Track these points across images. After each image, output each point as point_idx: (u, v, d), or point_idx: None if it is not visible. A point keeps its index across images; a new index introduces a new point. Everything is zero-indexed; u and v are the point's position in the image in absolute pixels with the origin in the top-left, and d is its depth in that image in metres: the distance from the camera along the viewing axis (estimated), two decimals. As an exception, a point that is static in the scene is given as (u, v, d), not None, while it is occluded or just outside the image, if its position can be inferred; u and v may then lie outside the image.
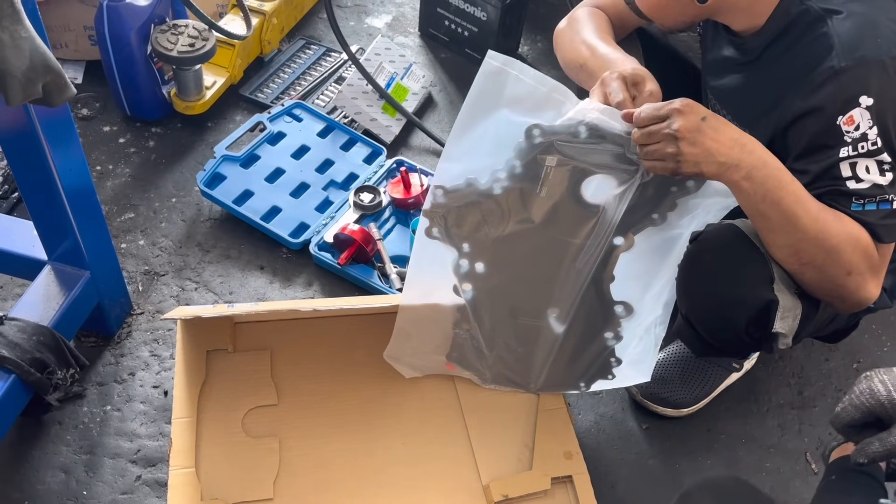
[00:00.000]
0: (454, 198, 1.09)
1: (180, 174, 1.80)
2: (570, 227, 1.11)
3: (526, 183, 1.07)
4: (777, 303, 1.14)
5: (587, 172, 1.07)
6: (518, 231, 1.12)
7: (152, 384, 1.45)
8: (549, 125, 1.04)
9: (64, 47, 1.93)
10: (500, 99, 1.03)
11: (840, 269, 1.07)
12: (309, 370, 1.35)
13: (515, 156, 1.05)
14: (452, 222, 1.11)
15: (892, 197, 1.06)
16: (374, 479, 1.26)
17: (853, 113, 1.04)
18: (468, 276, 1.17)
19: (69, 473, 1.33)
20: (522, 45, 2.23)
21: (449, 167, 1.08)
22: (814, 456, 1.49)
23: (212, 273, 1.63)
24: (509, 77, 1.03)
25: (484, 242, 1.14)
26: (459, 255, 1.15)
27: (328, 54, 2.12)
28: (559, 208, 1.10)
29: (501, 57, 1.04)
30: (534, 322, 1.22)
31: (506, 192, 1.08)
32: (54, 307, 1.32)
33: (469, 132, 1.06)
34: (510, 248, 1.15)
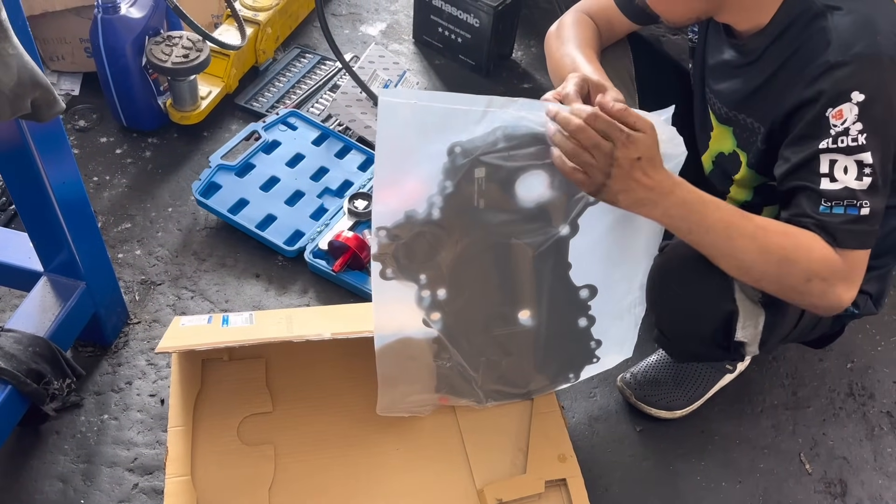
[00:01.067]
0: (398, 235, 1.07)
1: (176, 184, 1.82)
2: (516, 229, 1.11)
3: (462, 200, 1.05)
4: (737, 313, 1.17)
5: (517, 173, 1.06)
6: (468, 247, 1.12)
7: (149, 393, 1.46)
8: (468, 140, 1.01)
9: (60, 59, 1.95)
10: (410, 133, 0.99)
11: (797, 278, 1.06)
12: (304, 378, 1.36)
13: (445, 177, 1.02)
14: (403, 258, 1.09)
15: (863, 204, 1.04)
16: (369, 485, 1.27)
17: (843, 107, 1.04)
18: (433, 306, 1.16)
19: (67, 482, 1.34)
20: (516, 51, 2.25)
21: (383, 208, 1.05)
22: (808, 456, 1.49)
23: (208, 282, 1.65)
24: (410, 109, 0.98)
25: (439, 268, 1.13)
26: (419, 287, 1.14)
27: (323, 62, 2.14)
28: (501, 214, 1.09)
29: (393, 92, 1.01)
30: (509, 329, 1.22)
31: (445, 213, 1.06)
32: (50, 318, 1.33)
33: (391, 172, 1.02)
34: (466, 266, 1.14)
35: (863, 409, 1.57)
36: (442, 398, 1.30)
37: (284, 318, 1.34)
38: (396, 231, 1.06)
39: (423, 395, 1.25)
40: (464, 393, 1.29)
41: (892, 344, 1.68)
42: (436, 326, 1.18)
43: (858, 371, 1.63)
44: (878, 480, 1.47)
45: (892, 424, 1.55)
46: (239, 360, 1.36)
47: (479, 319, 1.21)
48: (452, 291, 1.15)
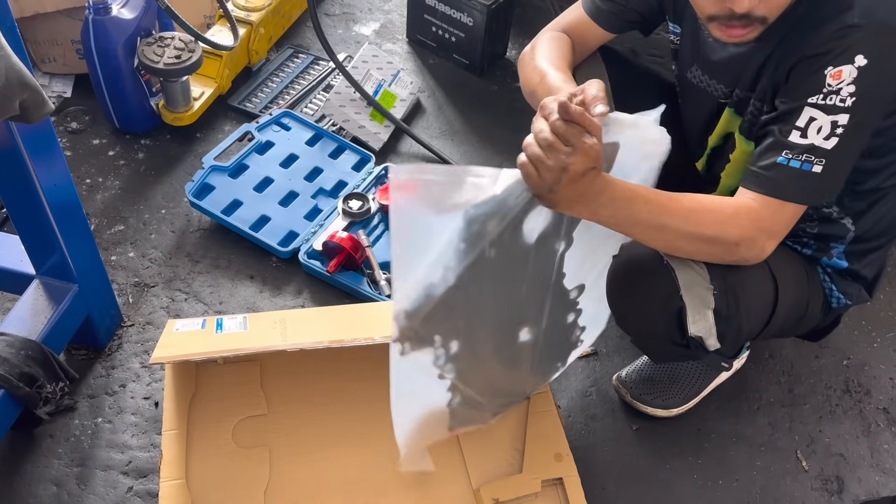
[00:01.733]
0: (418, 313, 1.05)
1: (170, 185, 1.81)
2: (522, 263, 1.11)
3: (475, 255, 1.04)
4: (685, 308, 1.17)
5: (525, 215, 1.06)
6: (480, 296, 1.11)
7: (143, 395, 1.45)
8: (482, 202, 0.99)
9: (52, 61, 1.94)
10: (423, 207, 0.98)
11: (726, 245, 1.10)
12: (298, 381, 1.35)
13: (459, 240, 1.01)
14: (421, 329, 1.07)
15: (819, 161, 1.06)
16: (364, 487, 1.27)
17: (843, 68, 1.04)
18: (448, 360, 1.14)
19: (61, 486, 1.33)
20: (510, 50, 2.24)
21: (403, 285, 1.02)
22: (805, 453, 1.49)
23: (202, 283, 1.64)
24: (421, 184, 0.97)
25: (453, 324, 1.11)
26: (434, 348, 1.11)
27: (316, 63, 2.13)
28: (510, 257, 1.09)
29: (404, 168, 0.97)
30: (512, 349, 1.22)
31: (460, 273, 1.04)
32: (43, 321, 1.32)
33: (408, 249, 1.01)
34: (478, 315, 1.13)
35: (859, 405, 1.57)
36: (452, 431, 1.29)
37: (279, 322, 1.34)
38: (417, 310, 1.04)
39: (438, 436, 1.24)
40: (473, 421, 1.28)
41: (888, 340, 1.68)
42: (449, 376, 1.16)
43: (854, 368, 1.63)
44: (875, 477, 1.47)
45: (888, 421, 1.55)
46: (233, 363, 1.35)
47: (487, 352, 1.20)
48: (464, 340, 1.13)
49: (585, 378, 1.56)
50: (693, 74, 1.32)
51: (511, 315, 1.18)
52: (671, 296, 1.16)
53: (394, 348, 1.06)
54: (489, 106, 2.10)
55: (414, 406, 1.16)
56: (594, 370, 1.57)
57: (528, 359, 1.26)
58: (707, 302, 1.17)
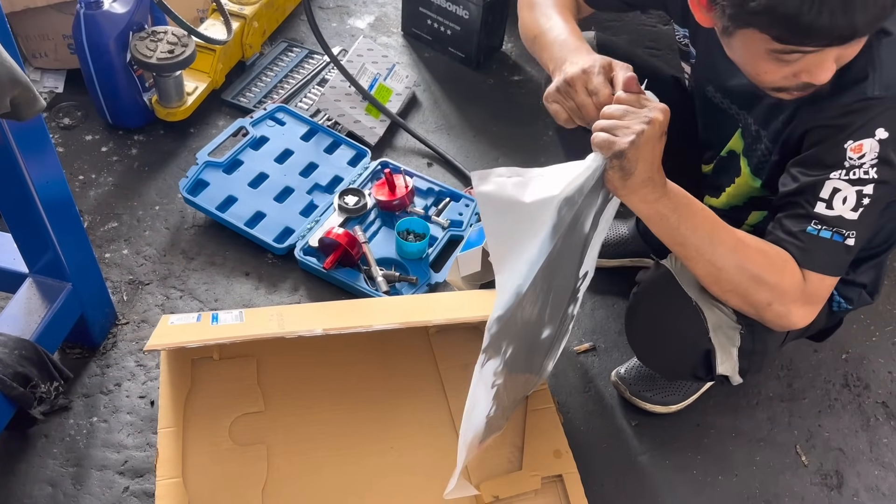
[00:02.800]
0: (503, 315, 0.99)
1: (163, 181, 1.79)
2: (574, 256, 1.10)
3: (552, 248, 0.98)
4: (714, 351, 1.17)
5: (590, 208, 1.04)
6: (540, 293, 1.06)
7: (138, 394, 1.44)
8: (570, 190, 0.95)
9: (43, 56, 1.91)
10: (512, 209, 0.92)
11: (761, 298, 1.06)
12: (295, 377, 1.34)
13: (551, 236, 0.96)
14: (497, 333, 1.01)
15: (850, 234, 1.04)
16: (364, 482, 1.26)
17: (864, 142, 1.02)
18: (504, 364, 1.10)
19: (56, 486, 1.32)
20: (506, 43, 2.23)
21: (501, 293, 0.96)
22: (804, 448, 1.49)
23: (197, 280, 1.62)
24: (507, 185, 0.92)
25: (514, 327, 1.05)
26: (501, 355, 1.07)
27: (311, 56, 2.11)
28: (568, 251, 1.06)
29: (486, 173, 0.91)
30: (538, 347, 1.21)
31: (539, 270, 0.99)
32: (36, 320, 1.31)
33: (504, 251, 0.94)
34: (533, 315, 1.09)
35: (858, 399, 1.57)
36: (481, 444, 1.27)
37: (276, 316, 1.33)
38: (505, 312, 0.98)
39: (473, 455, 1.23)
40: (496, 430, 1.27)
41: (887, 334, 1.68)
42: (499, 382, 1.12)
43: (853, 362, 1.62)
44: (874, 471, 1.47)
45: (887, 415, 1.55)
46: (229, 360, 1.34)
47: (524, 351, 1.17)
48: (516, 342, 1.10)
49: (584, 374, 1.55)
50: (709, 91, 1.29)
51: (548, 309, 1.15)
52: (700, 337, 1.16)
53: (481, 359, 1.01)
54: (485, 100, 2.08)
55: (475, 421, 1.11)
56: (593, 366, 1.56)
57: (541, 357, 1.25)
58: (734, 341, 1.17)
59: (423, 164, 1.90)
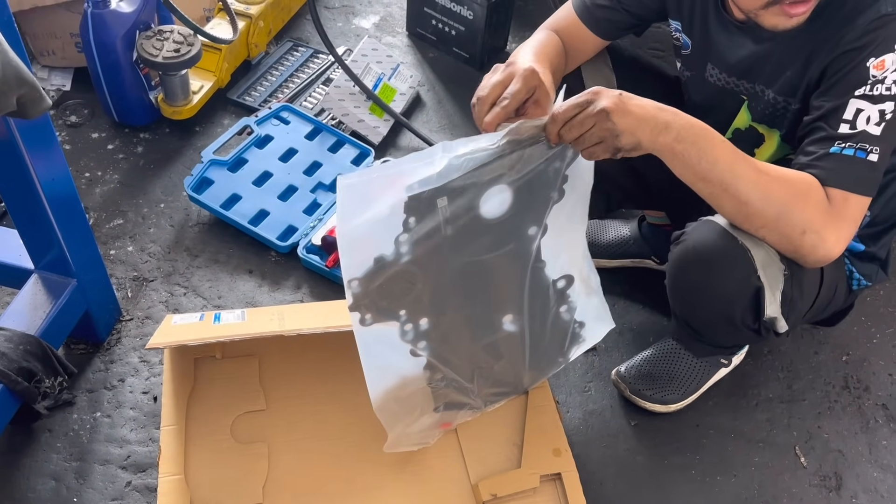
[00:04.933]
0: (371, 281, 1.06)
1: (168, 179, 1.81)
2: (488, 244, 1.11)
3: (429, 232, 1.05)
4: (763, 289, 1.15)
5: (480, 192, 1.06)
6: (443, 273, 1.12)
7: (142, 390, 1.45)
8: (424, 179, 1.01)
9: (51, 55, 1.93)
10: (369, 198, 1.00)
11: (793, 227, 1.07)
12: (297, 375, 1.35)
13: (408, 214, 1.02)
14: (381, 300, 1.08)
15: (873, 149, 1.05)
16: (364, 481, 1.27)
17: (885, 58, 1.04)
18: (418, 336, 1.15)
19: (60, 481, 1.33)
20: (510, 44, 2.23)
21: (350, 261, 1.04)
22: (803, 450, 1.49)
23: (200, 278, 1.64)
24: (368, 182, 1.00)
25: (417, 300, 1.12)
26: (401, 323, 1.12)
27: (316, 56, 2.12)
28: (470, 236, 1.09)
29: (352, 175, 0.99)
30: (496, 336, 1.22)
31: (414, 249, 1.05)
32: (41, 316, 1.32)
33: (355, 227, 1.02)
34: (444, 291, 1.13)
35: (858, 401, 1.57)
36: (444, 424, 1.29)
37: (276, 315, 1.34)
38: (369, 278, 1.05)
39: (424, 419, 1.24)
40: (463, 405, 1.28)
41: (888, 336, 1.68)
42: (424, 353, 1.17)
43: (854, 364, 1.63)
44: (873, 473, 1.47)
45: (887, 417, 1.55)
46: (232, 358, 1.35)
47: (464, 335, 1.21)
48: (434, 318, 1.15)
49: (584, 373, 1.56)
50: (711, 74, 1.30)
51: (483, 299, 1.17)
52: (749, 276, 1.14)
53: (354, 317, 1.08)
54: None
55: (387, 380, 1.16)
56: (593, 365, 1.57)
57: (518, 350, 1.26)
58: (779, 282, 1.16)
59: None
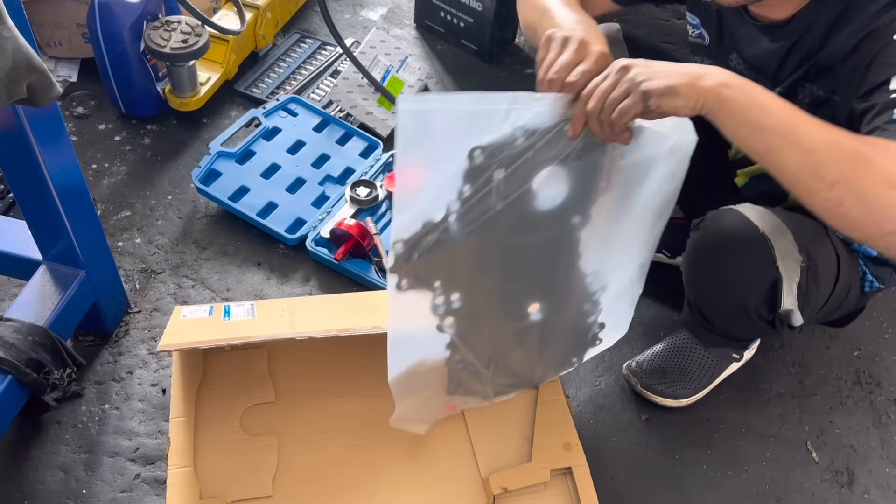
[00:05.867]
0: (415, 246, 1.03)
1: (176, 171, 1.80)
2: (533, 226, 1.10)
3: (480, 202, 1.02)
4: (781, 280, 1.14)
5: (535, 171, 1.04)
6: (484, 248, 1.10)
7: (150, 382, 1.45)
8: (488, 142, 0.97)
9: (57, 45, 1.92)
10: (430, 140, 0.95)
11: (878, 181, 0.88)
12: (306, 367, 1.35)
13: (464, 182, 0.99)
14: (420, 268, 1.06)
15: None
16: (373, 474, 1.26)
17: None
18: (448, 311, 1.13)
19: (68, 472, 1.33)
20: (519, 36, 2.22)
21: (402, 220, 1.00)
22: (815, 445, 1.48)
23: (209, 270, 1.63)
24: (431, 113, 0.94)
25: (454, 273, 1.10)
26: (434, 294, 1.10)
27: (323, 48, 2.11)
28: (518, 215, 1.07)
29: (413, 99, 0.97)
30: (520, 324, 1.21)
31: (463, 218, 1.03)
32: (50, 307, 1.31)
33: (411, 182, 0.98)
34: (481, 270, 1.12)
35: (870, 397, 1.56)
36: (450, 406, 1.29)
37: (287, 309, 1.33)
38: (414, 241, 1.03)
39: (434, 400, 1.24)
40: (473, 391, 1.27)
41: (900, 331, 1.67)
42: (449, 331, 1.15)
43: (865, 359, 1.62)
44: (886, 469, 1.46)
45: (899, 412, 1.55)
46: (241, 350, 1.34)
47: (490, 318, 1.19)
48: (466, 294, 1.13)
49: (595, 367, 1.55)
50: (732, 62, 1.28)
51: (519, 284, 1.16)
52: (767, 267, 1.12)
53: (391, 280, 1.05)
54: (498, 93, 2.08)
55: (410, 352, 1.15)
56: (604, 359, 1.56)
57: (537, 341, 1.25)
58: (796, 274, 1.13)
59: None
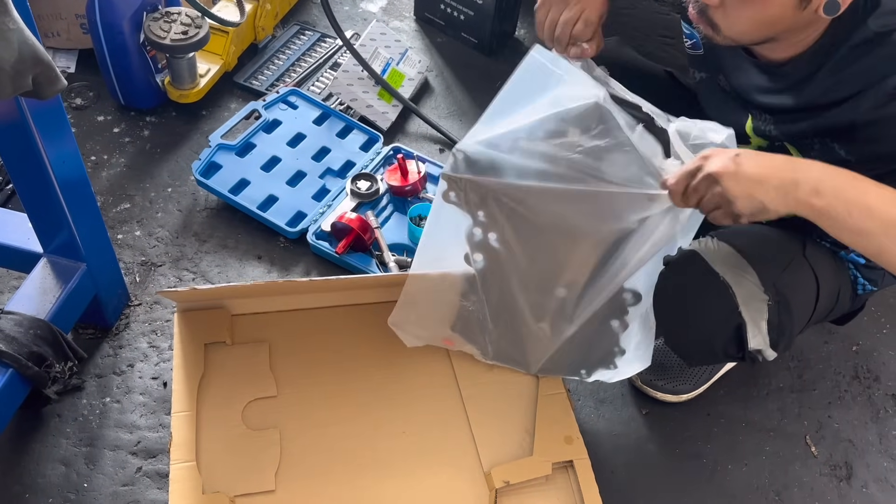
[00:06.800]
0: (474, 164, 1.07)
1: (175, 163, 1.79)
2: (590, 206, 1.08)
3: (548, 152, 1.04)
4: (745, 325, 1.15)
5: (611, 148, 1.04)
6: (533, 207, 1.09)
7: (151, 375, 1.45)
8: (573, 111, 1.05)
9: (56, 36, 1.91)
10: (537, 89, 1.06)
11: None
12: (308, 361, 1.34)
13: (543, 125, 1.05)
14: (471, 189, 1.08)
15: None
16: (376, 468, 1.26)
17: None
18: (480, 246, 1.15)
19: (69, 466, 1.32)
20: (519, 29, 2.22)
21: (481, 127, 1.07)
22: (814, 439, 1.49)
23: (209, 263, 1.62)
24: (552, 75, 1.05)
25: (500, 213, 1.10)
26: (474, 222, 1.13)
27: (323, 40, 2.10)
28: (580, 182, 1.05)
29: (548, 54, 1.08)
30: (542, 300, 1.20)
31: (527, 160, 1.04)
32: (51, 300, 1.31)
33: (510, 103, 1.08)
34: (526, 224, 1.11)
35: (868, 391, 1.57)
36: (448, 340, 1.29)
37: None
38: (474, 158, 1.07)
39: (437, 326, 1.26)
40: (475, 340, 1.28)
41: (898, 326, 1.68)
42: (475, 266, 1.17)
43: (864, 354, 1.63)
44: (884, 463, 1.47)
45: (897, 407, 1.56)
46: (242, 344, 1.34)
47: (517, 277, 1.19)
48: (503, 240, 1.14)
49: (595, 362, 1.55)
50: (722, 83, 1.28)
51: (556, 259, 1.16)
52: (730, 314, 1.14)
53: (441, 185, 1.09)
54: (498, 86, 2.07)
55: (431, 266, 1.19)
56: (604, 354, 1.56)
57: (550, 328, 1.24)
58: (762, 314, 1.15)
59: (435, 150, 1.90)
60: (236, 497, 1.18)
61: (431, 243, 1.17)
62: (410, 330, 1.29)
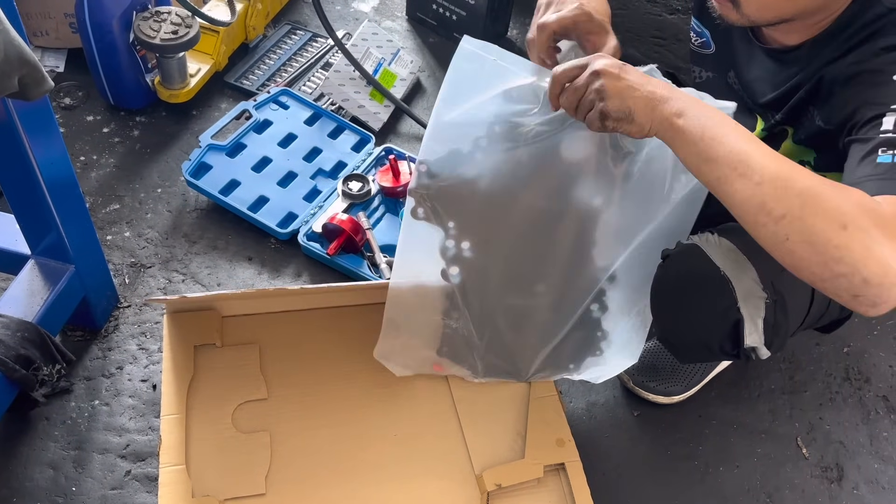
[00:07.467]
0: (438, 174, 1.07)
1: (165, 164, 1.78)
2: (553, 189, 1.09)
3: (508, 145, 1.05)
4: (743, 321, 1.15)
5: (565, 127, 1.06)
6: (502, 201, 1.10)
7: (140, 378, 1.44)
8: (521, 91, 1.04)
9: (44, 35, 1.89)
10: (476, 80, 1.05)
11: (829, 220, 0.85)
12: (298, 364, 1.34)
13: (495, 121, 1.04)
14: (438, 200, 1.09)
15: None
16: (367, 471, 1.26)
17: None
18: (456, 259, 1.14)
19: (58, 469, 1.31)
20: (511, 29, 2.21)
21: (432, 143, 1.06)
22: (805, 441, 1.49)
23: (199, 264, 1.61)
24: (486, 62, 1.04)
25: (470, 219, 1.11)
26: (446, 235, 1.12)
27: (314, 40, 2.09)
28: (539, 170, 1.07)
29: (477, 42, 1.07)
30: (523, 301, 1.20)
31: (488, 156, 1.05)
32: (39, 302, 1.30)
33: (450, 109, 1.06)
34: (495, 224, 1.12)
35: (859, 393, 1.58)
36: (437, 366, 1.28)
37: None
38: (437, 168, 1.06)
39: (423, 352, 1.24)
40: (463, 360, 1.27)
41: (888, 328, 1.68)
42: (453, 280, 1.16)
43: (854, 355, 1.63)
44: (874, 464, 1.48)
45: (887, 408, 1.56)
46: (232, 347, 1.33)
47: (496, 282, 1.19)
48: (477, 247, 1.14)
49: (587, 363, 1.55)
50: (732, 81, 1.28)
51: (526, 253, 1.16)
52: (728, 309, 1.13)
53: (409, 201, 1.09)
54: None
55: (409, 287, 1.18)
56: (595, 356, 1.56)
57: (537, 328, 1.24)
58: (760, 311, 1.14)
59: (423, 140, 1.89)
60: (226, 500, 1.17)
61: (406, 263, 1.15)
62: (398, 360, 1.29)
